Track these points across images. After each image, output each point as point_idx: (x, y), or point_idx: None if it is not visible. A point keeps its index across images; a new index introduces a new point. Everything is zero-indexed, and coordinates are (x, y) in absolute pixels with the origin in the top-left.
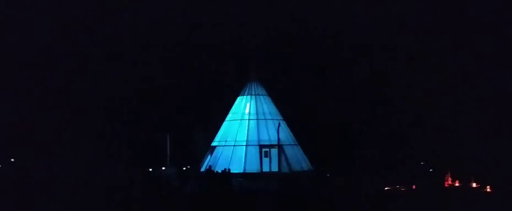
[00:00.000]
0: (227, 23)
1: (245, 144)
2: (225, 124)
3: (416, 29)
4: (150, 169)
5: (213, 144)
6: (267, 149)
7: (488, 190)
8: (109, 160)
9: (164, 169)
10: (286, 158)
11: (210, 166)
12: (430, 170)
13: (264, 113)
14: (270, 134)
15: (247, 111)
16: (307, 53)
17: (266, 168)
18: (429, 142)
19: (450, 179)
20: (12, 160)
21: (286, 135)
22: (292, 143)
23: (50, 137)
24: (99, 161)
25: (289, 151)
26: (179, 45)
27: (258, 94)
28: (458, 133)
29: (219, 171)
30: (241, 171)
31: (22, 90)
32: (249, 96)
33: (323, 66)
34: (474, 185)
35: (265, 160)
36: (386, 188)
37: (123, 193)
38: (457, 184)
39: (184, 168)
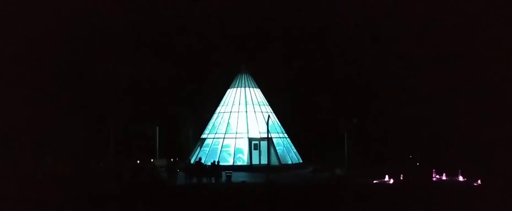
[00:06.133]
0: (217, 15)
1: (234, 136)
2: (214, 117)
3: (405, 25)
4: (138, 161)
5: (203, 136)
6: (257, 142)
7: (475, 184)
8: (97, 152)
9: (153, 161)
10: (276, 151)
11: (200, 159)
12: (417, 164)
13: (253, 105)
14: (259, 127)
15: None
16: (298, 45)
17: (255, 161)
18: (417, 136)
19: (437, 173)
20: None
21: (275, 127)
22: (282, 136)
23: (38, 130)
24: (87, 154)
25: (278, 143)
26: (169, 37)
27: (248, 86)
28: (445, 127)
29: (208, 163)
30: (231, 163)
31: (9, 83)
32: (239, 88)
33: (314, 58)
34: (461, 178)
35: (255, 153)
36: (374, 181)
37: (112, 186)
38: (444, 178)
39: (172, 160)
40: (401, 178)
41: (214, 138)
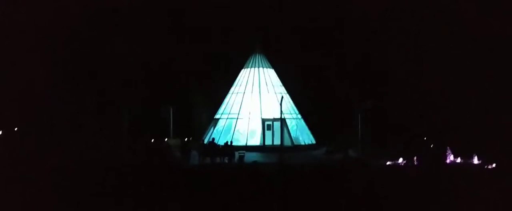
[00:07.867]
0: None
1: (248, 117)
2: (228, 97)
3: (422, 8)
4: (152, 140)
5: (216, 116)
6: (270, 122)
7: (490, 166)
8: (112, 132)
9: (167, 141)
10: (289, 132)
11: (213, 139)
12: (431, 145)
13: (267, 86)
14: (273, 107)
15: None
16: (312, 25)
17: (268, 142)
18: (431, 118)
19: (451, 155)
20: (16, 129)
21: (289, 108)
22: (295, 117)
23: (53, 110)
24: (102, 134)
25: (291, 124)
26: (183, 17)
27: (262, 66)
28: (460, 109)
29: (222, 143)
30: (244, 144)
31: (23, 64)
32: (253, 68)
33: (328, 39)
34: (475, 161)
35: (268, 133)
36: (387, 163)
37: (125, 166)
38: (458, 160)
39: (186, 140)
40: (415, 160)
41: (227, 118)
